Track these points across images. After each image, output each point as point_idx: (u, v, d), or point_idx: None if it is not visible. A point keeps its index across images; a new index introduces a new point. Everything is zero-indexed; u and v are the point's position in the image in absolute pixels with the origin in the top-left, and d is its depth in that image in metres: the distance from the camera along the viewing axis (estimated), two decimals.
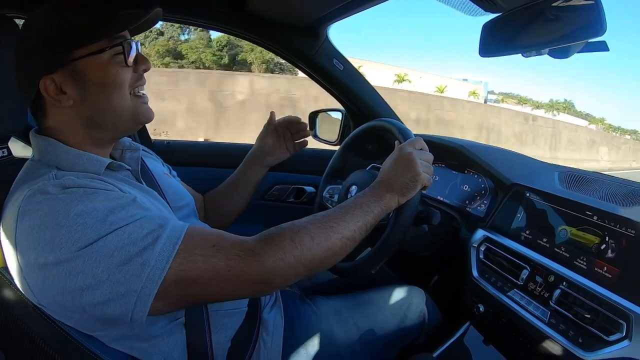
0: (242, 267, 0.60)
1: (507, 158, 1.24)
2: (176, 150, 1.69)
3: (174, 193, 0.90)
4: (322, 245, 0.67)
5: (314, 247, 0.66)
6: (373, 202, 0.77)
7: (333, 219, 0.71)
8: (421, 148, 0.85)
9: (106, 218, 0.56)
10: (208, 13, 1.33)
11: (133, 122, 0.74)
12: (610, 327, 0.69)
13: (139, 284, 0.55)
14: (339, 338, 0.93)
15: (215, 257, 0.60)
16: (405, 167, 0.80)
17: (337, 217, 0.72)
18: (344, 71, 1.50)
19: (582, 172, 1.06)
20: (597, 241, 0.79)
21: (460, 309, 1.08)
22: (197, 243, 0.60)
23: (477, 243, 1.01)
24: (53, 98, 0.66)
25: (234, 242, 0.63)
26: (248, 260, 0.61)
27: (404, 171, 0.80)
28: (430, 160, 0.85)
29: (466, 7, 0.88)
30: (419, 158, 0.81)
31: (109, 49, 0.67)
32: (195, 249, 0.60)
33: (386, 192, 0.79)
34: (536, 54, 0.76)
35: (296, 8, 1.29)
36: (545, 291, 0.82)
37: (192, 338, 0.72)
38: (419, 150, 0.84)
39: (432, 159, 0.85)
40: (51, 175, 0.62)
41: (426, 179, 0.81)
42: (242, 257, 0.61)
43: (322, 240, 0.67)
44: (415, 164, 0.80)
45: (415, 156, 0.81)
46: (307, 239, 0.66)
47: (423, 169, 0.81)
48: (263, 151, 1.15)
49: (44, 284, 0.55)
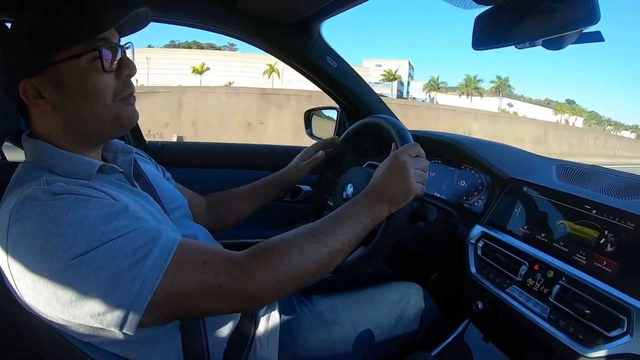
0: (232, 284, 0.61)
1: (503, 153, 1.23)
2: (170, 152, 1.68)
3: (168, 195, 0.89)
4: (311, 259, 0.67)
5: (303, 262, 0.66)
6: (363, 213, 0.76)
7: (323, 231, 0.71)
8: (417, 155, 0.83)
9: (97, 228, 0.56)
10: (198, 13, 1.32)
11: (115, 127, 0.72)
12: (610, 323, 0.68)
13: (129, 298, 0.54)
14: (336, 336, 0.92)
15: (205, 274, 0.60)
16: (398, 176, 0.79)
17: (327, 230, 0.71)
18: (338, 68, 1.49)
19: (580, 165, 1.05)
20: (596, 235, 0.78)
21: (458, 306, 1.07)
22: (188, 259, 0.60)
23: (475, 239, 1.00)
24: (32, 103, 0.65)
25: (224, 259, 0.63)
26: (238, 277, 0.61)
27: (397, 181, 0.79)
28: (426, 168, 0.83)
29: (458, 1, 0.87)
30: (413, 167, 0.80)
31: (85, 53, 0.64)
32: (186, 265, 0.59)
33: (377, 201, 0.78)
34: (530, 45, 0.74)
35: (288, 5, 1.28)
36: (544, 287, 0.81)
37: (188, 340, 0.72)
38: (414, 157, 0.82)
39: (427, 167, 0.84)
40: (42, 181, 0.61)
41: (419, 189, 0.80)
42: (232, 274, 0.61)
43: (311, 254, 0.67)
44: (409, 174, 0.79)
45: (409, 165, 0.79)
46: (296, 254, 0.65)
47: (416, 179, 0.80)
48: (295, 179, 1.20)
49: (34, 291, 0.55)
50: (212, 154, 1.78)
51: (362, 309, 0.99)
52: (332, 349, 0.91)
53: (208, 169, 1.65)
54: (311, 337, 0.90)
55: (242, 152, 1.85)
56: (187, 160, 1.68)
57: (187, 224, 0.91)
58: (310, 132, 1.78)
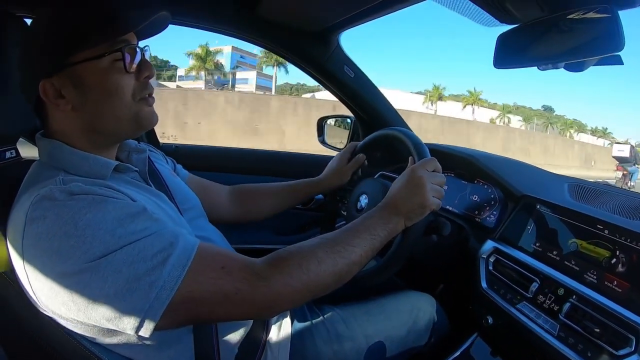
0: (249, 291, 0.61)
1: (516, 169, 1.24)
2: (184, 154, 1.69)
3: (181, 195, 0.89)
4: (329, 271, 0.67)
5: (321, 272, 0.66)
6: (380, 225, 0.77)
7: (341, 242, 0.72)
8: (434, 169, 0.84)
9: (115, 230, 0.56)
10: (218, 17, 1.34)
11: (134, 128, 0.72)
12: (619, 342, 0.68)
13: (147, 303, 0.54)
14: (347, 347, 0.92)
15: (223, 279, 0.60)
16: (415, 192, 0.80)
17: (345, 241, 0.72)
18: (355, 78, 1.50)
19: (591, 183, 1.06)
20: (607, 255, 0.78)
21: (467, 320, 1.08)
22: (207, 265, 0.60)
23: (487, 254, 1.00)
24: (52, 102, 0.65)
25: (242, 265, 0.63)
26: (256, 284, 0.61)
27: (413, 196, 0.80)
28: (442, 183, 0.84)
29: (481, 18, 0.89)
30: (430, 182, 0.81)
31: (108, 54, 0.65)
32: (205, 270, 0.59)
33: (394, 215, 0.79)
34: (552, 67, 0.76)
35: (309, 14, 1.30)
36: (554, 304, 0.81)
37: (200, 344, 0.72)
38: (431, 172, 0.83)
39: (444, 182, 0.85)
40: (58, 180, 0.61)
41: (435, 205, 0.81)
42: (250, 280, 0.61)
43: (329, 266, 0.67)
44: (425, 189, 0.80)
45: (426, 180, 0.80)
46: (314, 264, 0.66)
47: (433, 194, 0.80)
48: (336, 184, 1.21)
49: (50, 292, 0.55)
50: (227, 158, 1.79)
51: (374, 319, 0.99)
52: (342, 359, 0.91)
53: (222, 173, 1.65)
54: (322, 347, 0.90)
55: (257, 158, 1.86)
56: (200, 163, 1.68)
57: (202, 225, 0.90)
58: (323, 139, 1.79)
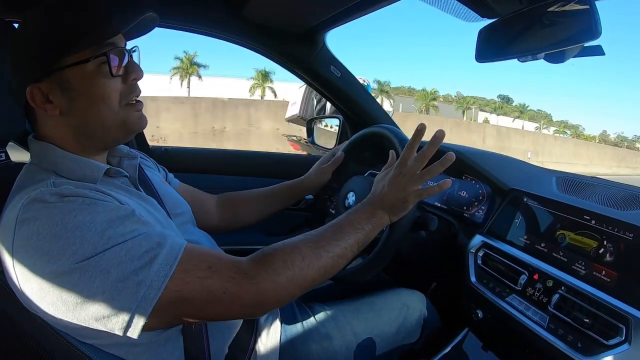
0: (236, 290, 0.61)
1: (504, 163, 1.24)
2: (174, 157, 1.69)
3: (172, 201, 0.89)
4: (313, 264, 0.68)
5: (305, 267, 0.67)
6: (364, 219, 0.78)
7: (325, 237, 0.73)
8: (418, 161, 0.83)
9: (104, 232, 0.56)
10: (205, 19, 1.34)
11: (123, 133, 0.73)
12: (609, 331, 0.68)
13: (134, 302, 0.55)
14: (336, 345, 0.92)
15: (210, 278, 0.60)
16: (395, 185, 0.80)
17: (329, 236, 0.73)
18: (342, 78, 1.51)
19: (579, 176, 1.06)
20: (595, 245, 0.79)
21: (458, 315, 1.08)
22: (194, 264, 0.61)
23: (475, 249, 1.01)
24: (40, 107, 0.65)
25: (229, 264, 0.64)
26: (242, 282, 0.62)
27: (394, 190, 0.80)
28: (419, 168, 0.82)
29: (462, 13, 0.89)
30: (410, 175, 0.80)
31: (93, 58, 0.65)
32: (192, 270, 0.60)
33: (378, 209, 0.80)
34: (532, 58, 0.76)
35: (294, 14, 1.30)
36: (543, 296, 0.81)
37: (190, 344, 0.72)
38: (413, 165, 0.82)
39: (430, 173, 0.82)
40: (49, 183, 0.61)
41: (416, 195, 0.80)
42: (237, 279, 0.62)
43: (313, 260, 0.68)
44: (405, 182, 0.80)
45: (406, 173, 0.80)
46: (299, 259, 0.67)
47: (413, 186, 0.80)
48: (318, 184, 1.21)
49: (40, 293, 0.55)
50: (216, 160, 1.78)
51: (363, 317, 0.99)
52: (332, 358, 0.91)
53: (211, 174, 1.66)
54: (312, 345, 0.90)
55: (245, 159, 1.86)
56: (190, 165, 1.68)
57: (191, 230, 0.91)
58: (313, 140, 1.79)
